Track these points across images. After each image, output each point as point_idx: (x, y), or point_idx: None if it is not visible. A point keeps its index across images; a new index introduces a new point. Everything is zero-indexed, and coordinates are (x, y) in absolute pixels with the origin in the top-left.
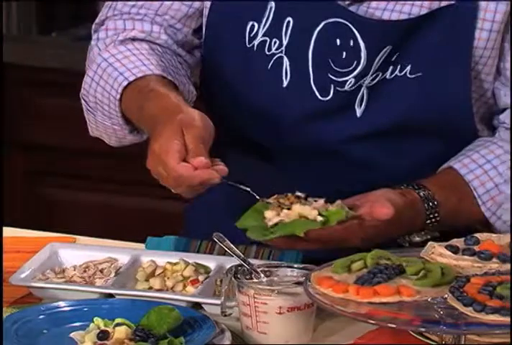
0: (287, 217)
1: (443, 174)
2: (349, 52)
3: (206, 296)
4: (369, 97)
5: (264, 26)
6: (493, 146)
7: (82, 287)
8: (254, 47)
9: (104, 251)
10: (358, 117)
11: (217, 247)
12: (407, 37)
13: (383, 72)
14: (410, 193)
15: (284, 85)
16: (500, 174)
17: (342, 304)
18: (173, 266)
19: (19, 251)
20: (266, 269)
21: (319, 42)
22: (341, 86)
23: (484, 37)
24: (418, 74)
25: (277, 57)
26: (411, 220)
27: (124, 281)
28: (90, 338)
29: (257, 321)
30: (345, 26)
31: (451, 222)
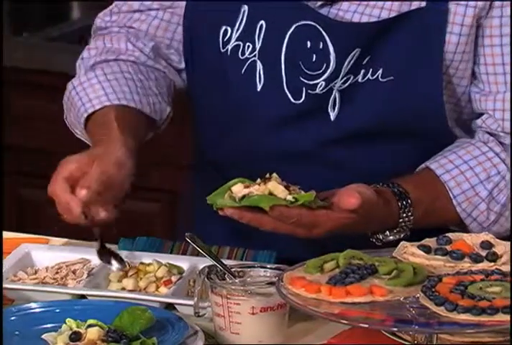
0: (256, 192)
1: (419, 174)
2: (319, 55)
3: (179, 297)
4: (341, 100)
5: (238, 31)
6: (471, 148)
7: (54, 288)
8: (228, 51)
9: (77, 252)
10: (332, 120)
11: (190, 248)
12: (377, 40)
13: (355, 76)
14: (384, 191)
15: (258, 89)
16: (477, 175)
17: (315, 304)
18: (146, 266)
19: None
20: (239, 269)
21: (291, 45)
22: (312, 89)
23: (454, 41)
24: (390, 78)
25: (251, 61)
26: (384, 217)
27: (97, 282)
28: (63, 340)
29: (230, 322)
30: (315, 29)
31: (425, 222)
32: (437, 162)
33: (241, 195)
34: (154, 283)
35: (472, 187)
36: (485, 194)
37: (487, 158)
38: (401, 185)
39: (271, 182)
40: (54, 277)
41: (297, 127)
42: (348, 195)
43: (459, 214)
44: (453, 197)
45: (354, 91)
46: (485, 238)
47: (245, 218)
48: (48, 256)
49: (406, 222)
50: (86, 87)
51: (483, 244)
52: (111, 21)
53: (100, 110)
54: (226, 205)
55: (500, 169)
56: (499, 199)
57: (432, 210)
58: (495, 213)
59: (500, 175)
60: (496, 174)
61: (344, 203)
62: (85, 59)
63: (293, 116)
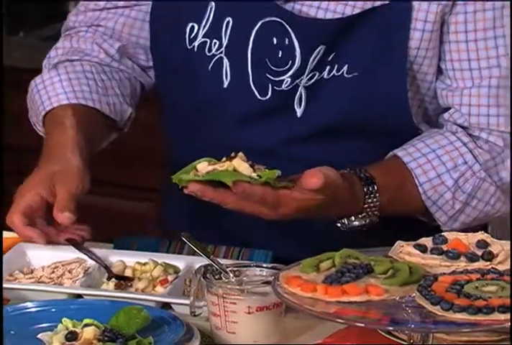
0: (221, 168)
1: (386, 161)
2: (285, 51)
3: (175, 296)
4: (307, 97)
5: (205, 27)
6: (439, 137)
7: (50, 287)
8: (194, 48)
9: (73, 252)
10: (298, 117)
11: (186, 247)
12: (342, 37)
13: (320, 72)
14: (350, 176)
15: (225, 85)
16: (444, 163)
17: (311, 303)
18: (142, 266)
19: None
20: (235, 268)
21: (257, 42)
22: (278, 85)
23: (417, 37)
24: (355, 74)
25: (218, 57)
26: (349, 201)
27: (93, 281)
28: (59, 339)
29: (226, 321)
30: (280, 25)
31: (391, 208)
32: (405, 150)
33: (206, 172)
34: (150, 282)
35: (438, 176)
36: (450, 183)
37: (455, 147)
38: (368, 170)
39: (236, 159)
40: (50, 277)
41: (263, 123)
42: (311, 175)
43: (424, 202)
44: (419, 184)
45: (320, 88)
46: (480, 238)
47: (208, 195)
48: (44, 255)
49: (372, 207)
50: (47, 85)
51: (479, 243)
52: (78, 20)
53: (57, 108)
54: (189, 179)
55: (467, 159)
56: (465, 188)
57: (398, 197)
58: (460, 203)
59: (467, 164)
60: (463, 163)
61: (306, 183)
62: (51, 58)
63: (260, 113)
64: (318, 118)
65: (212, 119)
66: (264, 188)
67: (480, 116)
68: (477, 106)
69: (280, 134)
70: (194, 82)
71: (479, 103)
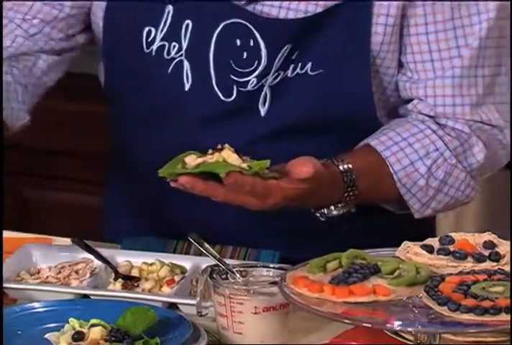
0: (210, 160)
1: (361, 150)
2: (250, 52)
3: (181, 296)
4: (272, 96)
5: (162, 31)
6: (409, 125)
7: (57, 287)
8: (152, 52)
9: (80, 252)
10: (262, 116)
11: (193, 247)
12: (306, 35)
13: (284, 71)
14: (329, 165)
15: (186, 88)
16: (416, 151)
17: (318, 304)
18: (149, 266)
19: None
20: (242, 269)
21: (219, 44)
22: (243, 86)
23: (380, 32)
24: (320, 71)
25: (177, 61)
26: (330, 191)
27: (100, 281)
28: (66, 339)
29: (233, 321)
30: (244, 27)
31: (368, 197)
32: (377, 139)
33: (195, 165)
34: (157, 283)
35: (412, 163)
36: (424, 170)
37: (425, 135)
38: (345, 160)
39: (225, 150)
40: (57, 277)
41: (227, 124)
42: (301, 164)
43: (399, 190)
44: (394, 172)
45: (284, 86)
46: (487, 238)
47: (198, 188)
48: (51, 255)
49: (350, 196)
50: None
51: (486, 243)
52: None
53: None
54: (181, 172)
55: (438, 146)
56: (437, 175)
57: (374, 185)
58: (433, 189)
59: (439, 151)
60: (434, 150)
61: (297, 172)
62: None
63: (223, 114)
64: (282, 117)
65: (173, 122)
66: (255, 178)
67: (446, 106)
68: (442, 96)
69: (243, 134)
70: (152, 85)
71: (444, 93)
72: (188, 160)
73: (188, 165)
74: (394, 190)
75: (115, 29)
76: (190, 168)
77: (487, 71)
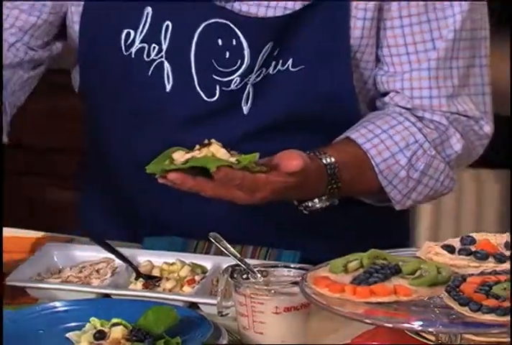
0: (199, 156)
1: (341, 143)
2: (232, 52)
3: (202, 296)
4: (255, 94)
5: (142, 33)
6: (388, 118)
7: (78, 287)
8: (131, 54)
9: (100, 252)
10: (245, 114)
11: (214, 247)
12: (286, 32)
13: (266, 68)
14: (315, 159)
15: (167, 89)
16: (396, 143)
17: (339, 304)
18: (170, 266)
19: (13, 251)
20: (263, 269)
21: (201, 44)
22: (226, 86)
23: (359, 26)
24: (301, 67)
25: (158, 62)
26: (316, 185)
27: (121, 281)
28: (87, 339)
29: (254, 321)
30: (226, 26)
31: (350, 190)
32: (358, 132)
33: (184, 160)
34: (177, 282)
35: (393, 156)
36: (404, 162)
37: (404, 127)
38: (327, 153)
39: (213, 145)
40: (78, 276)
41: (210, 124)
42: (290, 157)
43: (380, 182)
44: (375, 165)
45: (267, 84)
46: (509, 238)
47: (188, 184)
48: (72, 255)
49: (334, 189)
50: None
51: (507, 244)
52: None
53: None
54: (169, 168)
55: (417, 138)
56: (417, 166)
57: (357, 178)
58: (413, 180)
59: (418, 143)
60: (414, 142)
61: (286, 166)
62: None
63: (205, 114)
64: (265, 115)
65: (154, 123)
66: (244, 173)
67: (423, 98)
68: (419, 88)
69: (226, 133)
70: (132, 88)
71: (420, 86)
72: (176, 156)
73: (176, 161)
74: (375, 183)
75: (92, 33)
76: (178, 164)
77: (462, 63)
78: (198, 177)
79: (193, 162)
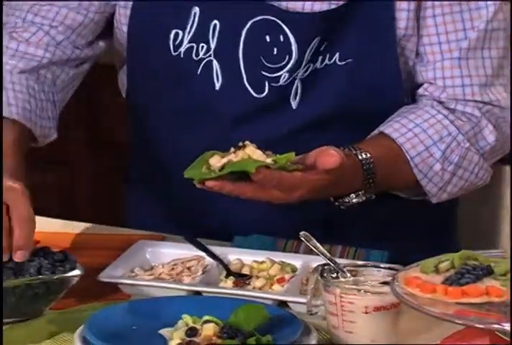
0: (235, 159)
1: (376, 139)
2: (280, 47)
3: (292, 294)
4: (303, 88)
5: (190, 33)
6: (420, 112)
7: (170, 284)
8: (180, 54)
9: (191, 250)
10: (294, 109)
11: (303, 246)
12: (333, 26)
13: (314, 63)
14: (349, 154)
15: (216, 88)
16: (430, 136)
17: (430, 304)
18: (260, 264)
19: (106, 248)
20: (352, 268)
21: (248, 41)
22: (275, 82)
23: (404, 17)
24: (348, 60)
25: (206, 61)
26: (352, 181)
27: (211, 279)
28: (179, 335)
29: (344, 320)
30: (273, 23)
31: (386, 184)
32: (391, 127)
33: (221, 165)
34: (267, 281)
35: (427, 149)
36: (438, 155)
37: (437, 120)
38: (362, 148)
39: (248, 147)
40: (169, 274)
41: (260, 120)
42: (327, 154)
43: (415, 176)
44: (410, 159)
45: (314, 78)
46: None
47: (226, 189)
48: (164, 252)
49: (370, 184)
50: None
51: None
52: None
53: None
54: (208, 176)
55: (450, 131)
56: (452, 159)
57: (392, 172)
58: (448, 173)
59: (451, 135)
60: (448, 135)
61: (323, 163)
62: None
63: (255, 110)
64: (313, 108)
65: (204, 122)
66: (281, 173)
67: (455, 87)
68: (451, 77)
69: (276, 128)
70: (182, 87)
71: (452, 74)
72: (212, 162)
73: (213, 167)
74: (411, 176)
75: (140, 34)
76: (215, 169)
77: (495, 53)
78: (237, 182)
79: (230, 167)
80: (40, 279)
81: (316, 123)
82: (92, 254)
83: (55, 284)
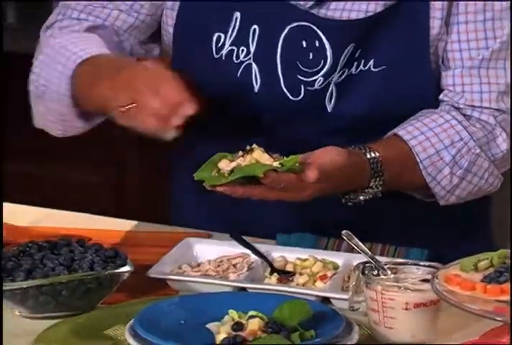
0: (244, 163)
1: (388, 140)
2: (316, 53)
3: (334, 291)
4: (338, 92)
5: (231, 36)
6: (435, 116)
7: (216, 280)
8: (222, 56)
9: (237, 247)
10: (329, 112)
11: (344, 244)
12: (368, 34)
13: (349, 68)
14: (357, 153)
15: (255, 90)
16: (441, 141)
17: (469, 301)
18: (303, 262)
19: (154, 245)
20: (392, 266)
21: (286, 46)
22: (311, 85)
23: (437, 25)
24: (383, 67)
25: (246, 64)
26: (359, 178)
27: (256, 275)
28: (225, 329)
29: (384, 316)
30: (309, 29)
31: (394, 184)
32: (404, 129)
33: (230, 169)
34: (310, 278)
35: (437, 153)
36: (448, 159)
37: (451, 125)
38: (372, 148)
39: (256, 151)
40: (216, 270)
41: (295, 121)
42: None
43: (424, 178)
44: (419, 161)
45: (349, 83)
46: None
47: (238, 193)
48: (210, 250)
49: (378, 182)
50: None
51: None
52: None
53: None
54: (218, 183)
55: (462, 136)
56: (461, 164)
57: (401, 173)
58: (457, 177)
59: (463, 141)
60: (459, 140)
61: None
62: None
63: (292, 113)
64: (347, 112)
65: (242, 122)
66: (289, 175)
67: (473, 93)
68: (470, 84)
69: (312, 130)
70: (221, 88)
71: (471, 82)
72: (221, 166)
73: (222, 170)
74: (420, 178)
75: (185, 35)
76: (225, 173)
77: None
78: (247, 185)
79: (239, 172)
80: (92, 274)
81: (350, 126)
82: (141, 251)
83: (106, 280)
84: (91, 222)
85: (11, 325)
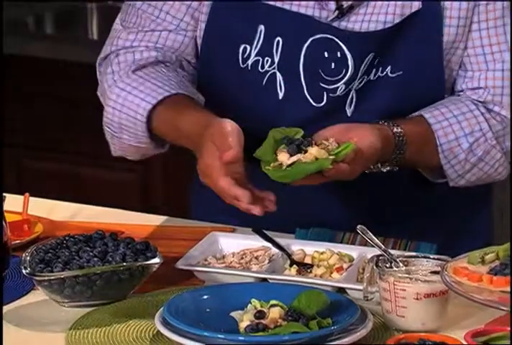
0: (304, 159)
1: (414, 119)
2: (338, 63)
3: (349, 282)
4: (357, 98)
5: (256, 47)
6: (461, 104)
7: (240, 271)
8: (248, 66)
9: (259, 241)
10: (349, 116)
11: (358, 238)
12: (386, 43)
13: (368, 75)
14: (385, 129)
15: (280, 97)
16: (462, 129)
17: (476, 292)
18: (320, 254)
19: (182, 238)
20: (404, 258)
21: (308, 56)
22: (333, 92)
23: (453, 33)
24: (399, 73)
25: (271, 73)
26: (384, 153)
27: (276, 267)
28: (248, 317)
29: (397, 306)
30: (331, 41)
31: (411, 161)
32: (431, 113)
33: (290, 163)
34: (327, 269)
35: (456, 139)
36: (466, 146)
37: (473, 116)
38: (399, 125)
39: (314, 148)
40: (239, 262)
41: (318, 126)
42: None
43: (440, 160)
44: (439, 144)
45: (368, 88)
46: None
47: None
48: (234, 243)
49: (398, 157)
50: (136, 86)
51: None
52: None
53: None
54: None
55: (482, 127)
56: (476, 152)
57: (421, 151)
58: (470, 164)
59: (482, 131)
60: (479, 130)
61: None
62: (116, 72)
63: (314, 118)
64: (366, 116)
65: (266, 129)
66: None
67: (495, 95)
68: (493, 87)
69: None
70: (248, 97)
71: (494, 85)
72: (281, 158)
73: (279, 161)
74: (436, 159)
75: (213, 46)
76: (285, 165)
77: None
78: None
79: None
80: (124, 266)
81: None
82: (169, 244)
83: (137, 271)
84: (123, 217)
85: (48, 313)
